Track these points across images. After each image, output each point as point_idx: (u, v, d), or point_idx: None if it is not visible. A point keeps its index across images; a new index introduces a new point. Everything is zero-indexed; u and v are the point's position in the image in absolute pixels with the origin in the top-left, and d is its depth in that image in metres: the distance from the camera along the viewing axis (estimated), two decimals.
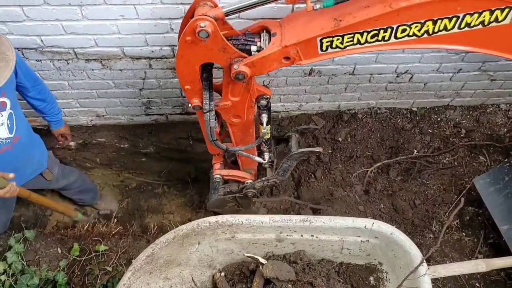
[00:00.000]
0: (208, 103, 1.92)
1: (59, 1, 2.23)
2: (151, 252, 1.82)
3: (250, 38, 1.75)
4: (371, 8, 1.49)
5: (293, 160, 2.66)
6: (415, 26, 1.50)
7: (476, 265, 2.12)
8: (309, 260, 2.10)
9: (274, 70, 1.77)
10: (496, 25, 1.47)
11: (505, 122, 3.44)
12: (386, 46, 1.59)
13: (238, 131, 2.31)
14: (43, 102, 2.54)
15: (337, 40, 1.59)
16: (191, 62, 1.77)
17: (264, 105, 2.17)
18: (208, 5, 1.67)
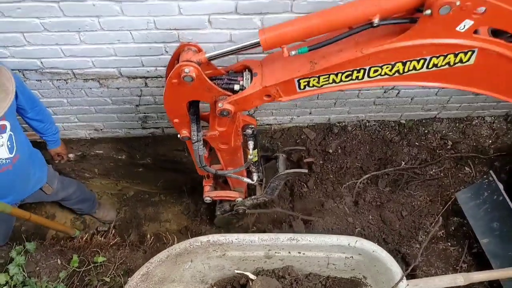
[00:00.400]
0: (196, 134, 2.04)
1: (58, 27, 2.32)
2: (146, 270, 1.94)
3: (233, 77, 1.88)
4: (344, 52, 1.61)
5: (281, 179, 2.80)
6: (386, 67, 1.61)
7: (454, 279, 2.23)
8: (296, 275, 2.21)
9: (256, 106, 1.93)
10: (461, 65, 1.58)
11: (489, 134, 3.56)
12: (361, 84, 1.71)
13: (227, 156, 2.43)
14: (41, 123, 2.63)
15: (313, 80, 1.71)
16: (178, 100, 1.91)
17: (250, 133, 2.31)
18: (192, 50, 1.80)
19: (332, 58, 1.64)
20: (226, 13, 2.29)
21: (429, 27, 1.49)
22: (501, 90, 1.75)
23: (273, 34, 1.61)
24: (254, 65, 1.88)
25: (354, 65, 1.63)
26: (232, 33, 2.44)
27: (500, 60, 1.57)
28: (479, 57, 1.56)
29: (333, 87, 1.74)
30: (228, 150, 2.33)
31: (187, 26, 2.37)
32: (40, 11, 2.20)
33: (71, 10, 2.21)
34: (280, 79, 1.75)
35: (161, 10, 2.25)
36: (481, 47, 1.53)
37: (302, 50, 1.62)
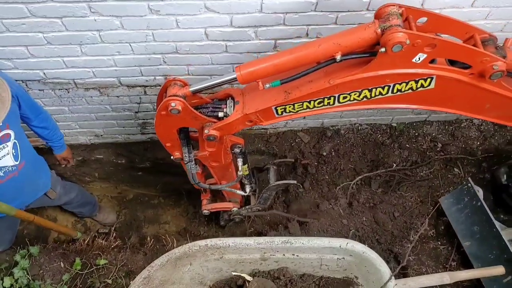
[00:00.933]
0: (188, 156, 2.24)
1: (61, 41, 2.43)
2: (147, 274, 2.04)
3: (218, 105, 2.08)
4: (314, 83, 1.79)
5: (272, 190, 3.00)
6: (354, 93, 1.78)
7: (441, 277, 2.35)
8: (291, 276, 2.32)
9: (239, 130, 2.08)
10: (423, 89, 1.71)
11: (477, 136, 3.67)
12: (333, 109, 1.88)
13: (219, 171, 2.63)
14: (46, 130, 2.73)
15: (289, 107, 1.89)
16: (168, 128, 2.12)
17: (238, 152, 2.48)
18: (178, 84, 2.01)
19: (303, 88, 1.81)
20: (221, 26, 2.39)
21: (387, 61, 1.65)
22: (466, 108, 1.91)
23: (248, 71, 1.80)
24: (236, 94, 2.06)
25: (324, 94, 1.80)
26: (227, 44, 2.54)
27: (459, 83, 1.72)
28: (438, 82, 1.72)
29: (307, 112, 1.92)
30: (219, 166, 2.51)
31: (184, 38, 2.47)
32: (43, 26, 2.30)
33: (73, 25, 2.31)
34: (259, 107, 1.93)
35: (159, 24, 2.35)
36: (438, 74, 1.67)
37: (275, 84, 1.80)
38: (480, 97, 1.82)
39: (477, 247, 2.86)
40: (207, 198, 3.12)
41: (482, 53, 1.63)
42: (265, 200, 3.06)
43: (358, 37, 1.63)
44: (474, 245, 2.89)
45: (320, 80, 1.77)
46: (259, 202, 3.06)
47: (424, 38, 1.54)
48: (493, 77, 1.66)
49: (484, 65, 1.64)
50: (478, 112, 1.95)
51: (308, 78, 1.79)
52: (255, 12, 2.30)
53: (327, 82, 1.74)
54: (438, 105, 1.87)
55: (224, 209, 3.12)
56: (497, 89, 1.77)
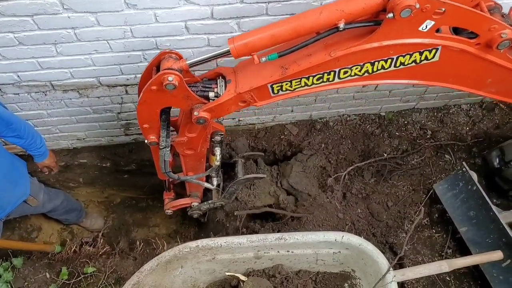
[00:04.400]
0: (165, 140, 2.03)
1: (33, 41, 2.31)
2: (136, 280, 1.95)
3: (208, 85, 1.91)
4: (313, 56, 1.66)
5: (239, 184, 2.86)
6: (356, 68, 1.68)
7: (440, 266, 2.31)
8: (287, 273, 2.25)
9: (232, 112, 1.94)
10: (427, 62, 1.63)
11: (466, 121, 3.66)
12: (332, 86, 1.76)
13: (191, 161, 2.46)
14: (20, 139, 2.53)
15: (286, 85, 1.77)
16: (153, 107, 1.92)
17: (218, 140, 2.35)
18: (172, 57, 1.81)
19: (302, 63, 1.69)
20: (202, 18, 2.30)
21: (393, 29, 1.56)
22: (467, 83, 1.84)
23: (242, 43, 1.66)
24: (228, 72, 1.91)
25: (324, 68, 1.68)
26: (209, 37, 2.45)
27: (463, 55, 1.66)
28: (443, 54, 1.64)
29: (305, 89, 1.79)
30: (192, 156, 2.36)
31: (165, 33, 2.38)
32: (13, 26, 2.18)
33: (45, 23, 2.20)
34: (254, 85, 1.79)
35: (137, 19, 2.25)
36: (444, 44, 1.60)
37: (272, 57, 1.66)
38: (483, 71, 1.77)
39: (474, 232, 2.83)
40: (169, 197, 2.99)
41: (492, 20, 1.56)
42: (231, 195, 2.91)
43: (363, 2, 1.52)
44: (471, 231, 2.85)
45: (320, 53, 1.66)
46: (224, 196, 2.89)
47: (433, 2, 1.46)
48: (500, 46, 1.59)
49: (492, 34, 1.58)
50: (479, 87, 1.89)
51: (307, 51, 1.67)
52: (237, 2, 2.22)
53: (327, 55, 1.63)
54: (440, 80, 1.80)
55: (184, 205, 2.96)
56: (502, 61, 1.71)
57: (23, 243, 3.14)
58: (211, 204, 2.95)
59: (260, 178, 3.02)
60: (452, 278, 3.04)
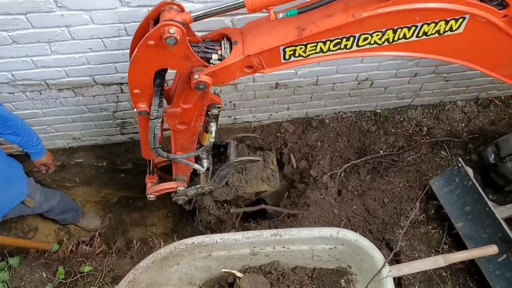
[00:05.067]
0: (157, 109, 1.81)
1: (27, 39, 2.30)
2: (132, 277, 1.95)
3: (211, 46, 1.71)
4: (334, 17, 1.53)
5: (231, 168, 2.67)
6: (376, 34, 1.57)
7: (435, 261, 2.31)
8: (283, 269, 2.25)
9: (236, 79, 1.77)
10: (451, 34, 1.58)
11: (462, 118, 3.67)
12: (348, 54, 1.64)
13: (181, 138, 2.23)
14: (17, 136, 2.55)
15: (300, 49, 1.62)
16: (147, 67, 1.70)
17: (215, 114, 2.13)
18: (174, 9, 1.61)
19: (321, 24, 1.54)
20: None
21: None
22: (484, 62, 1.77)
23: None
24: (233, 33, 1.71)
25: (344, 32, 1.56)
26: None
27: (488, 28, 1.58)
28: (469, 25, 1.56)
29: (319, 57, 1.65)
30: (184, 131, 2.14)
31: None
32: (7, 24, 2.18)
33: (39, 21, 2.19)
34: (265, 47, 1.61)
35: (131, 16, 2.25)
36: (472, 12, 1.52)
37: (291, 13, 1.50)
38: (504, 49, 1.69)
39: (470, 227, 2.84)
40: (152, 181, 2.75)
41: None
42: (221, 179, 2.70)
43: None
44: (467, 226, 2.86)
45: (341, 14, 1.52)
46: (214, 180, 2.68)
47: None
48: None
49: None
50: (494, 67, 1.80)
51: (326, 12, 1.54)
52: None
53: (350, 16, 1.49)
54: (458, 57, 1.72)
55: (169, 190, 2.74)
56: None
57: (22, 240, 3.13)
58: (199, 189, 2.74)
59: (254, 162, 2.80)
60: (448, 274, 3.04)
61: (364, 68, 3.05)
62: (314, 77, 3.06)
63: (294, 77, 3.02)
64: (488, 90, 3.63)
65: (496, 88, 3.60)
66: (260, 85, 3.06)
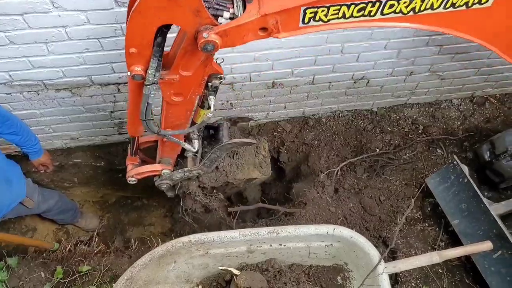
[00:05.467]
0: (154, 74, 1.64)
1: (24, 40, 2.32)
2: (130, 275, 1.96)
3: (222, 3, 1.55)
4: None
5: (223, 150, 2.50)
6: (404, 2, 1.51)
7: (431, 257, 2.33)
8: (280, 267, 2.27)
9: (247, 42, 1.61)
10: (478, 7, 1.54)
11: (458, 116, 3.69)
12: (370, 23, 1.57)
13: (174, 113, 2.03)
14: (16, 136, 2.57)
15: (321, 12, 1.51)
16: (149, 21, 1.51)
17: (216, 85, 1.95)
18: None
19: None
20: None
21: None
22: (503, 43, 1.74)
23: None
24: None
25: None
26: None
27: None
28: None
29: (340, 23, 1.55)
30: (179, 105, 1.95)
31: None
32: (4, 25, 2.19)
33: (36, 22, 2.21)
34: (284, 6, 1.47)
35: None
36: None
37: None
38: None
39: (466, 224, 2.86)
40: (134, 163, 2.57)
41: None
42: (212, 162, 2.51)
43: None
44: (463, 223, 2.89)
45: None
46: (203, 164, 2.48)
47: None
48: None
49: None
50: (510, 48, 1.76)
51: None
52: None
53: None
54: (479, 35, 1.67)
55: (152, 173, 2.56)
56: None
57: (23, 238, 3.14)
58: (186, 172, 2.53)
59: (249, 145, 2.63)
60: (444, 271, 3.06)
61: (360, 67, 3.07)
62: (310, 76, 3.08)
63: (290, 76, 3.04)
64: (483, 89, 3.65)
65: (491, 86, 3.63)
66: (256, 84, 3.08)
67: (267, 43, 2.65)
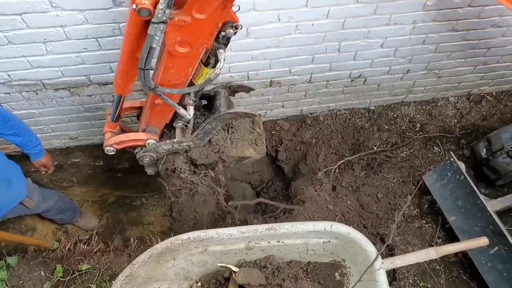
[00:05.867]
0: (164, 10, 1.37)
1: (23, 39, 2.33)
2: (129, 272, 1.98)
3: None
4: None
5: (220, 121, 2.23)
6: None
7: (427, 253, 2.34)
8: (278, 263, 2.29)
9: None
10: None
11: (454, 114, 3.72)
12: None
13: (175, 67, 1.76)
14: (18, 137, 2.57)
15: None
16: None
17: (230, 36, 1.70)
18: None
19: None
20: None
21: None
22: None
23: None
24: None
25: None
26: None
27: None
28: None
29: None
30: (182, 57, 1.68)
31: None
32: (3, 25, 2.21)
33: (34, 21, 2.23)
34: None
35: (125, 16, 2.28)
36: None
37: None
38: None
39: (463, 221, 2.89)
40: (112, 131, 2.31)
41: None
42: (206, 134, 2.25)
43: None
44: (460, 219, 2.91)
45: None
46: (196, 135, 2.23)
47: None
48: None
49: None
50: None
51: None
52: None
53: None
54: None
55: (134, 143, 2.29)
56: None
57: (23, 237, 3.16)
58: (175, 144, 2.26)
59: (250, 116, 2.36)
60: (442, 267, 3.09)
61: (357, 65, 3.09)
62: (308, 75, 3.10)
63: (288, 74, 3.06)
64: (479, 86, 3.67)
65: (487, 84, 3.65)
66: (254, 83, 3.10)
67: (265, 42, 2.67)
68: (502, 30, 2.95)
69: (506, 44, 3.10)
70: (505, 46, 3.13)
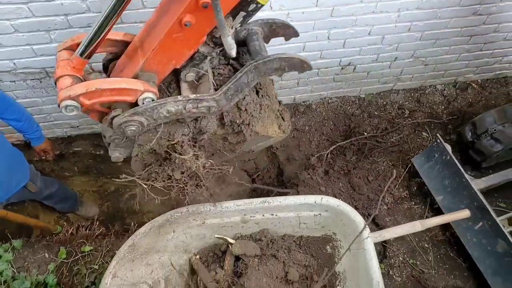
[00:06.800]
0: None
1: (29, 28, 2.45)
2: (132, 242, 2.11)
3: None
4: None
5: (262, 72, 1.48)
6: None
7: (413, 225, 2.48)
8: (272, 236, 2.42)
9: None
10: None
11: (442, 101, 3.86)
12: None
13: None
14: (19, 122, 2.67)
15: None
16: None
17: None
18: None
19: None
20: None
21: None
22: None
23: None
24: None
25: None
26: None
27: None
28: None
29: None
30: None
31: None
32: (10, 13, 2.33)
33: (40, 10, 2.34)
34: None
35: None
36: None
37: None
38: None
39: (449, 199, 3.03)
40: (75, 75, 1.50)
41: None
42: (237, 91, 1.52)
43: None
44: (447, 198, 3.05)
45: None
46: (225, 91, 1.50)
47: None
48: None
49: None
50: None
51: None
52: None
53: None
54: None
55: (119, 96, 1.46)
56: None
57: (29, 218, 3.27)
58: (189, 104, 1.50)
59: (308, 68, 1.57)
60: (430, 245, 3.22)
61: (346, 53, 3.23)
62: None
63: None
64: (465, 74, 3.82)
65: (472, 72, 3.80)
66: None
67: None
68: (483, 18, 3.09)
69: (488, 32, 3.25)
70: (487, 34, 3.27)
